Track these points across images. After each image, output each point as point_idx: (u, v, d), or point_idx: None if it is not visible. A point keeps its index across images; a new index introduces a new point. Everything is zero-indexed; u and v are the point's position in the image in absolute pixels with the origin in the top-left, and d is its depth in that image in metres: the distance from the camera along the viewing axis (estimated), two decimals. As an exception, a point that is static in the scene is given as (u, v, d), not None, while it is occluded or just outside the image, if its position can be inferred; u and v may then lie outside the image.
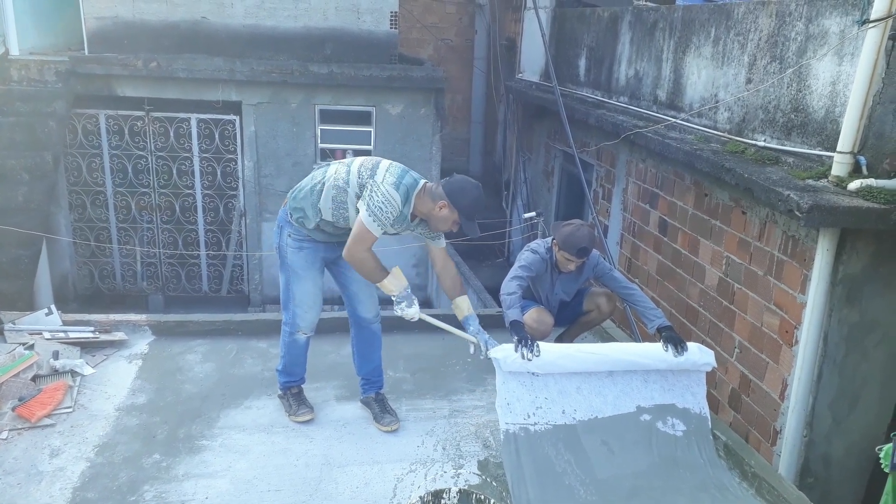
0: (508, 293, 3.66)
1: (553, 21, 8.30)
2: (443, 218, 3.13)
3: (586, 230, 3.75)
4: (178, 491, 2.93)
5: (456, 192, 3.11)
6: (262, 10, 7.62)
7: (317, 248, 3.33)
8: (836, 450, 4.08)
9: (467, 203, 3.11)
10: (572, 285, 4.05)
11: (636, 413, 3.35)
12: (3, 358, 3.69)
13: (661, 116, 5.65)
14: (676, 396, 3.43)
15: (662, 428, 3.35)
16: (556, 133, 7.95)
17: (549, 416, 3.25)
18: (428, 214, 3.16)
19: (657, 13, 5.92)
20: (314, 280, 3.36)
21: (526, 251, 3.97)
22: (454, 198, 3.10)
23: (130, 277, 8.29)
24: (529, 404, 3.25)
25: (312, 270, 3.34)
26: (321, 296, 3.43)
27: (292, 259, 3.31)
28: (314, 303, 3.40)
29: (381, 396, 3.57)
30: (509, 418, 3.20)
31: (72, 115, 7.41)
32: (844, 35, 3.83)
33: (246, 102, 7.62)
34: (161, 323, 4.38)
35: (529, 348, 3.24)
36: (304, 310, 3.37)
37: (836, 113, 3.89)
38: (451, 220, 3.13)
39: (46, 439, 3.22)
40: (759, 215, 4.32)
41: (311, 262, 3.33)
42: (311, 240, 3.31)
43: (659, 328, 3.65)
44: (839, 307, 3.84)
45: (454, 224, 3.16)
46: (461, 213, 3.11)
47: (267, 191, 8.02)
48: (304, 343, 3.48)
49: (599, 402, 3.33)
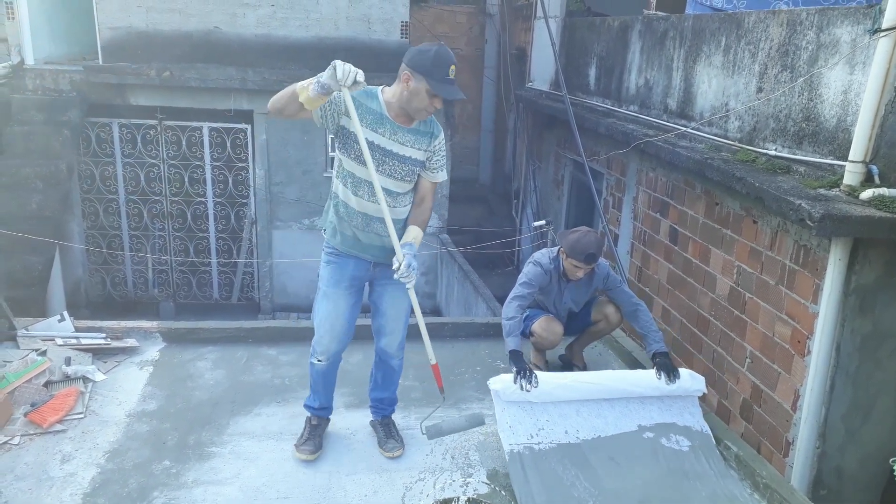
0: (508, 318, 3.67)
1: (563, 30, 8.32)
2: (415, 93, 2.79)
3: (593, 236, 3.72)
4: (188, 497, 2.93)
5: (413, 57, 2.79)
6: (274, 20, 7.69)
7: (344, 263, 3.05)
8: (849, 462, 4.03)
9: (428, 62, 2.75)
10: (581, 295, 4.03)
11: (639, 431, 3.40)
12: (16, 364, 3.71)
13: (672, 125, 5.64)
14: (675, 416, 3.51)
15: (667, 444, 3.37)
16: (566, 142, 7.95)
17: (552, 436, 3.29)
18: (401, 102, 2.84)
19: (667, 22, 5.92)
20: (336, 301, 3.06)
21: (529, 264, 3.93)
22: (413, 63, 2.78)
23: (142, 284, 8.35)
24: (531, 426, 3.31)
25: (337, 289, 3.06)
26: (343, 325, 3.10)
27: (322, 273, 3.10)
28: (331, 327, 3.08)
29: (388, 421, 3.42)
30: (512, 439, 3.24)
31: (85, 123, 7.50)
32: (856, 44, 3.82)
33: (257, 111, 7.69)
34: (172, 330, 4.40)
35: (528, 379, 3.31)
36: (321, 333, 3.11)
37: (847, 122, 3.87)
38: (423, 91, 2.77)
39: (58, 445, 3.24)
40: (771, 224, 4.30)
41: (337, 279, 3.05)
42: (337, 253, 3.06)
43: (655, 353, 3.70)
44: (852, 317, 3.81)
45: (431, 98, 2.79)
46: (427, 78, 2.75)
47: (278, 199, 8.07)
48: (321, 370, 3.19)
49: (601, 423, 3.40)
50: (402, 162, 2.92)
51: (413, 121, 2.92)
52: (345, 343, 3.17)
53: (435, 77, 2.76)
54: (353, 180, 2.92)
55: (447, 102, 3.43)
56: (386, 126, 2.87)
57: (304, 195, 8.00)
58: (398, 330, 3.21)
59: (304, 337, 4.45)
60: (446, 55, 2.78)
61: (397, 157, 2.90)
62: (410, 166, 2.94)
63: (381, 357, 3.30)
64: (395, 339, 3.22)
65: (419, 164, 2.99)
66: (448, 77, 2.78)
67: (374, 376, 3.38)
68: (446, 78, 2.78)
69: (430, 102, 2.81)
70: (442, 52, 2.78)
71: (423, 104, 2.82)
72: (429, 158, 3.00)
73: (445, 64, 2.77)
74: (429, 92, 2.78)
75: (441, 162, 3.05)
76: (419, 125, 2.94)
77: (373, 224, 2.96)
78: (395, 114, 2.89)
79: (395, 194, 2.95)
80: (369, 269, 3.09)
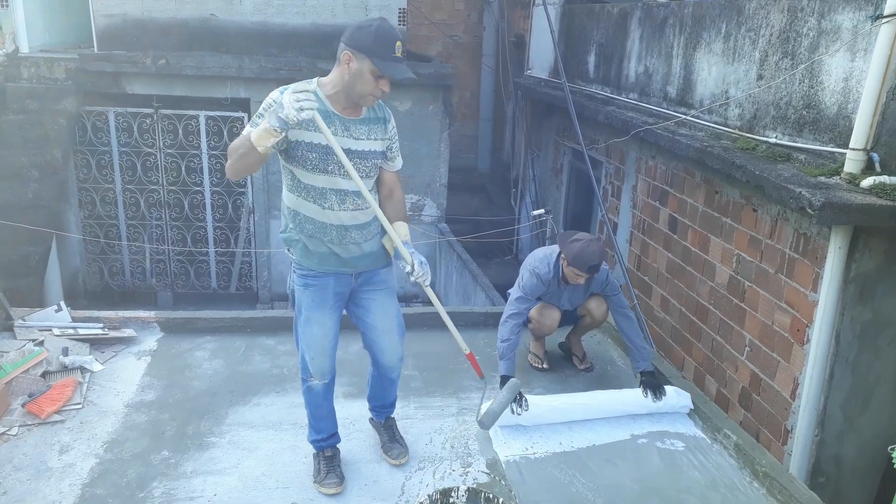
0: (502, 340, 3.66)
1: (562, 17, 8.26)
2: (358, 75, 2.50)
3: (596, 246, 3.67)
4: (187, 487, 2.93)
5: (353, 35, 2.50)
6: (271, 6, 7.63)
7: (324, 283, 2.79)
8: (847, 450, 4.04)
9: (370, 39, 2.46)
10: (578, 298, 4.02)
11: (632, 439, 3.48)
12: (13, 354, 3.70)
13: (671, 113, 5.61)
14: (667, 425, 3.60)
15: (663, 446, 3.43)
16: (565, 130, 7.91)
17: (547, 446, 3.37)
18: (345, 89, 2.55)
19: (667, 9, 5.87)
20: (322, 323, 2.81)
21: (527, 272, 3.88)
22: (353, 41, 2.48)
23: (139, 274, 8.32)
24: (526, 441, 3.40)
25: (321, 311, 2.81)
26: (332, 341, 2.88)
27: (300, 298, 2.84)
28: (322, 349, 2.86)
29: (391, 422, 3.25)
30: (507, 451, 3.30)
31: (81, 112, 7.44)
32: (857, 31, 3.79)
33: (254, 99, 7.63)
34: (170, 320, 4.39)
35: (518, 403, 3.42)
36: (311, 355, 2.87)
37: (848, 109, 3.85)
38: (367, 71, 2.48)
39: (56, 435, 3.23)
40: (771, 213, 4.28)
41: (320, 301, 2.80)
42: (314, 274, 2.79)
43: (642, 372, 3.75)
44: (852, 305, 3.80)
45: (377, 79, 2.51)
46: (371, 56, 2.46)
47: (275, 188, 8.02)
48: (321, 391, 2.94)
49: (593, 435, 3.49)
50: (362, 158, 2.65)
51: (361, 109, 2.64)
52: (334, 360, 2.95)
53: (379, 55, 2.47)
54: (316, 192, 2.65)
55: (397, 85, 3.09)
56: (335, 123, 2.57)
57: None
58: (394, 342, 2.97)
59: (302, 326, 4.44)
60: (390, 30, 2.51)
61: (356, 154, 2.63)
62: (372, 160, 2.69)
63: (379, 372, 3.07)
64: (393, 354, 2.99)
65: (380, 156, 2.74)
66: (394, 55, 2.49)
67: (372, 386, 3.17)
68: (392, 55, 2.49)
69: (377, 85, 2.52)
70: (385, 26, 2.51)
71: (369, 87, 2.52)
72: (388, 147, 2.76)
73: (391, 40, 2.49)
74: (374, 72, 2.49)
75: (397, 147, 2.82)
76: (369, 112, 2.67)
77: (349, 234, 2.72)
78: (341, 107, 2.60)
79: (362, 194, 2.65)
80: (351, 282, 2.85)
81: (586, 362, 4.20)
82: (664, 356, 5.30)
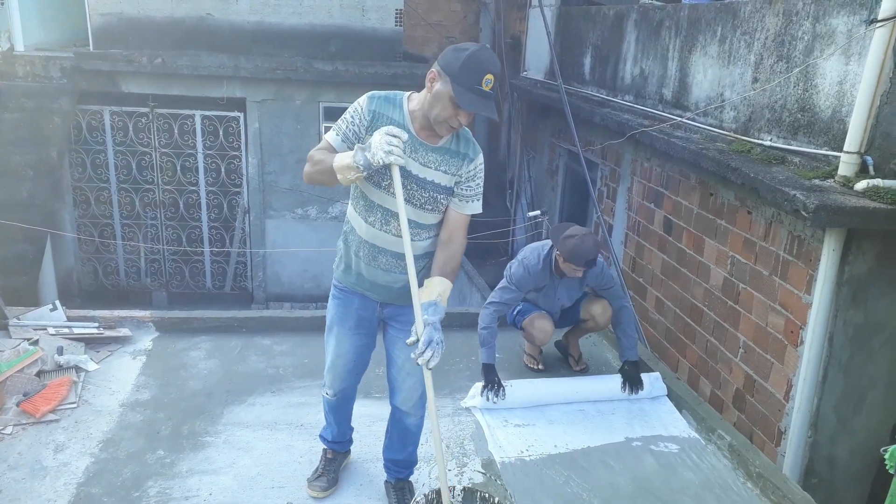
0: (483, 327, 3.72)
1: (558, 19, 8.28)
2: (438, 98, 2.31)
3: (591, 239, 3.67)
4: (182, 487, 2.93)
5: (445, 55, 2.32)
6: (267, 6, 7.62)
7: (349, 300, 2.69)
8: (840, 451, 4.06)
9: (458, 63, 2.25)
10: (575, 291, 4.03)
11: (626, 441, 3.51)
12: (8, 353, 3.69)
13: (667, 115, 5.63)
14: (661, 429, 3.63)
15: (656, 449, 3.46)
16: (561, 131, 7.93)
17: (542, 449, 3.40)
18: (424, 110, 2.38)
19: (663, 12, 5.90)
20: (339, 339, 2.74)
21: (515, 263, 3.88)
22: (443, 62, 2.30)
23: (134, 274, 8.30)
24: (521, 444, 3.42)
25: (342, 327, 2.73)
26: (346, 364, 2.78)
27: (329, 306, 2.79)
28: (333, 365, 2.80)
29: (403, 485, 2.95)
30: (502, 454, 3.33)
31: (76, 111, 7.43)
32: (852, 34, 3.81)
33: (250, 99, 7.63)
34: (165, 319, 4.38)
35: (495, 392, 3.59)
36: (327, 365, 2.84)
37: (843, 112, 3.87)
38: (446, 96, 2.29)
39: (51, 435, 3.22)
40: (765, 215, 4.30)
41: (342, 316, 2.72)
42: (343, 289, 2.71)
43: (625, 361, 3.87)
44: (845, 308, 3.82)
45: (456, 109, 2.30)
46: (453, 82, 2.26)
47: (271, 188, 8.02)
48: (332, 404, 2.92)
49: (588, 438, 3.52)
50: (421, 186, 2.45)
51: (440, 138, 2.44)
52: (350, 382, 2.86)
53: (462, 83, 2.25)
54: (366, 204, 2.51)
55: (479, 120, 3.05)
56: (406, 141, 2.35)
57: (297, 184, 7.95)
58: (414, 386, 2.74)
59: (297, 327, 4.45)
60: (485, 59, 2.27)
61: (416, 179, 2.43)
62: (432, 192, 2.46)
63: (395, 415, 2.87)
64: (410, 396, 2.77)
65: (444, 191, 2.50)
66: (479, 87, 2.26)
67: (388, 433, 2.97)
68: (476, 87, 2.26)
69: (454, 114, 2.31)
70: (481, 54, 2.27)
71: (446, 114, 2.31)
72: (457, 184, 2.51)
73: (480, 70, 2.25)
74: (452, 100, 2.28)
75: (475, 191, 2.55)
76: (449, 143, 2.46)
77: (380, 258, 2.55)
78: (418, 126, 2.42)
79: (414, 225, 2.47)
80: (377, 311, 2.70)
81: (582, 363, 4.22)
82: (658, 358, 5.31)
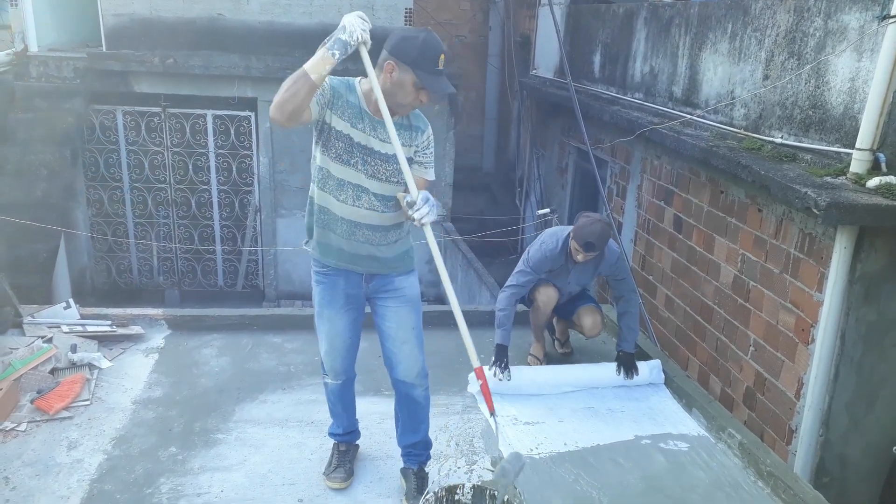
0: (500, 308, 3.79)
1: (567, 17, 8.26)
2: (399, 86, 2.47)
3: (599, 226, 3.66)
4: (194, 484, 2.95)
5: (398, 45, 2.46)
6: (278, 6, 7.66)
7: (334, 281, 2.76)
8: (852, 449, 4.04)
9: (415, 52, 2.43)
10: (586, 277, 4.01)
11: (636, 440, 3.49)
12: (22, 351, 3.73)
13: (677, 113, 5.61)
14: (670, 427, 3.61)
15: (666, 447, 3.44)
16: (571, 130, 7.91)
17: (551, 447, 3.39)
18: (385, 93, 2.46)
19: (673, 9, 5.88)
20: (332, 320, 2.80)
21: (536, 244, 3.89)
22: (398, 52, 2.45)
23: (147, 272, 8.36)
24: (530, 442, 3.41)
25: (331, 308, 2.79)
26: (344, 342, 2.85)
27: (314, 293, 2.84)
28: (332, 347, 2.85)
29: (424, 474, 2.97)
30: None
31: (89, 111, 7.49)
32: (864, 31, 3.79)
33: (262, 99, 7.66)
34: (177, 317, 4.41)
35: (502, 370, 3.62)
36: (323, 350, 2.89)
37: (854, 109, 3.85)
38: (409, 83, 2.46)
39: (64, 432, 3.26)
40: (776, 213, 4.28)
41: (331, 298, 2.78)
42: (325, 270, 2.77)
43: (621, 351, 3.90)
44: (857, 306, 3.80)
45: (418, 91, 2.48)
46: (414, 69, 2.43)
47: (282, 187, 8.06)
48: (336, 389, 2.96)
49: (597, 436, 3.50)
50: (384, 161, 2.60)
51: (392, 114, 2.56)
52: (350, 360, 2.92)
53: (423, 68, 2.44)
54: (335, 183, 2.63)
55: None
56: (365, 121, 2.55)
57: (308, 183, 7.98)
58: (413, 354, 2.81)
59: (309, 325, 4.43)
60: (435, 43, 2.47)
61: (379, 156, 2.59)
62: (395, 165, 2.58)
63: (400, 390, 2.88)
64: (412, 366, 2.82)
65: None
66: (437, 68, 2.47)
67: (398, 417, 2.98)
68: (435, 69, 2.46)
69: (417, 96, 2.50)
70: (430, 39, 2.47)
71: (409, 98, 2.50)
72: (416, 153, 2.67)
73: (436, 53, 2.46)
74: (415, 84, 2.47)
75: (429, 159, 2.71)
76: (401, 119, 2.62)
77: (357, 232, 2.67)
78: (373, 108, 2.55)
79: (382, 198, 2.63)
80: (362, 285, 2.78)
81: (567, 347, 4.29)
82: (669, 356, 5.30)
